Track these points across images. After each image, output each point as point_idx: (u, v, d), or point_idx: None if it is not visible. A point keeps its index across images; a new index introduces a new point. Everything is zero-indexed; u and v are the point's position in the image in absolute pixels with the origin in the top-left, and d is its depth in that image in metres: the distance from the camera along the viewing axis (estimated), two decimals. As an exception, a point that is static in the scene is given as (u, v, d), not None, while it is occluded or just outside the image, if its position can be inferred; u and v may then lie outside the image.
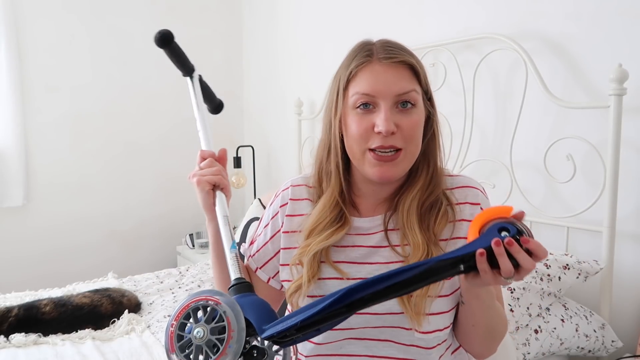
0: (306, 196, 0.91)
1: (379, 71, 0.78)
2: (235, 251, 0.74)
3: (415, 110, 0.79)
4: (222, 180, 0.84)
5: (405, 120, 0.78)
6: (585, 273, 1.38)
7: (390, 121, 0.76)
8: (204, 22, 3.08)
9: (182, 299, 0.58)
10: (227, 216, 0.80)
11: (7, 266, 2.59)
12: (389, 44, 0.82)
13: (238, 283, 0.68)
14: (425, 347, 0.80)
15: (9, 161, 2.52)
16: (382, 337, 0.81)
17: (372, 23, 2.23)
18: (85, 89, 2.76)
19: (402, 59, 0.79)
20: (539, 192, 1.63)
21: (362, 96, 0.78)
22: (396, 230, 0.83)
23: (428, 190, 0.83)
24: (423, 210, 0.82)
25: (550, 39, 1.58)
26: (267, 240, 0.93)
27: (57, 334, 1.58)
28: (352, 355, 0.82)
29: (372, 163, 0.79)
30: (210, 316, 0.57)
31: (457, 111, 1.82)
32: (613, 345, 1.39)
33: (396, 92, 0.78)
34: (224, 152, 0.90)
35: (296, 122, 2.61)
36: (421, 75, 0.81)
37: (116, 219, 2.91)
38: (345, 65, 0.83)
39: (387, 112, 0.77)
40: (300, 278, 0.82)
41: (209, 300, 0.57)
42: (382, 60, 0.79)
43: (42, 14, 2.61)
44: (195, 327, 0.56)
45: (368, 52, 0.81)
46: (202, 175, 0.83)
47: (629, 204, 1.42)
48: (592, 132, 1.45)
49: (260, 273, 0.94)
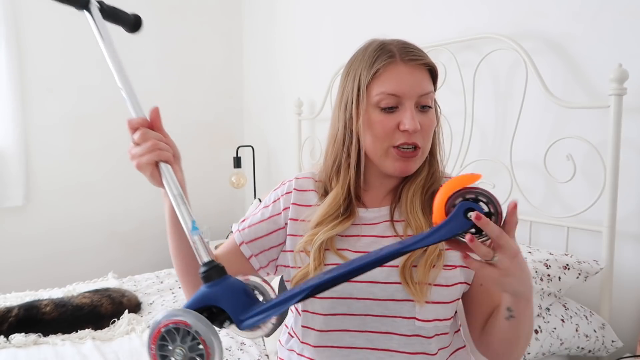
0: (312, 188, 0.94)
1: (404, 72, 0.82)
2: (199, 233, 0.69)
3: (431, 111, 0.85)
4: (162, 155, 0.72)
5: (426, 120, 0.84)
6: (585, 273, 1.38)
7: (416, 120, 0.81)
8: (204, 22, 3.08)
9: (152, 323, 0.59)
10: (180, 194, 0.71)
11: (7, 266, 2.59)
12: (408, 45, 0.85)
13: (209, 268, 0.65)
14: (425, 336, 0.82)
15: (9, 161, 2.52)
16: (383, 330, 0.82)
17: (372, 23, 2.23)
18: (86, 90, 2.76)
19: (425, 62, 0.84)
20: (539, 192, 1.63)
21: (387, 96, 0.82)
22: (401, 222, 0.86)
23: (431, 180, 0.88)
24: (426, 197, 0.86)
25: (550, 39, 1.58)
26: (263, 219, 0.94)
27: (57, 334, 1.58)
28: (353, 347, 0.83)
29: (395, 159, 0.83)
30: (184, 336, 0.58)
31: (457, 111, 1.82)
32: (613, 345, 1.39)
33: (419, 93, 0.82)
34: (155, 112, 0.75)
35: (296, 122, 2.61)
36: (435, 76, 0.86)
37: (117, 220, 2.91)
38: (366, 64, 0.84)
39: (413, 111, 0.81)
40: (306, 267, 0.84)
41: (177, 324, 0.58)
42: (407, 62, 0.82)
43: (42, 14, 2.61)
44: (174, 347, 0.58)
45: (390, 52, 0.83)
46: (139, 157, 0.72)
47: (629, 204, 1.42)
48: (592, 132, 1.45)
49: (245, 248, 0.93)
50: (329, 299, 0.83)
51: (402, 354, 0.82)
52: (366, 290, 0.82)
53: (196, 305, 0.62)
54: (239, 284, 0.65)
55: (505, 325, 0.76)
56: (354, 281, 0.82)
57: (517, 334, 0.78)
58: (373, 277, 0.82)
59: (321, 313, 0.84)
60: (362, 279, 0.82)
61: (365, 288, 0.82)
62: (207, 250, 0.68)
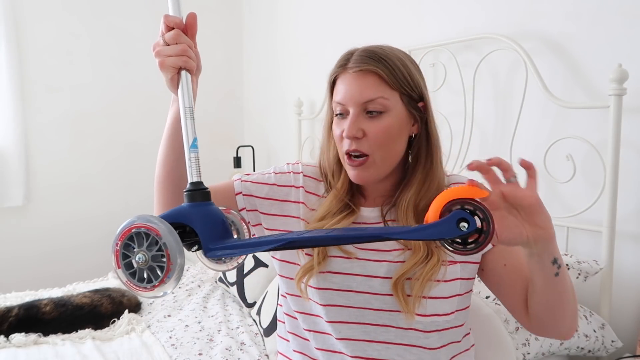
0: (320, 177, 0.96)
1: (349, 80, 0.84)
2: (197, 152, 0.67)
3: (385, 116, 0.82)
4: (188, 63, 0.71)
5: (372, 126, 0.82)
6: (585, 273, 1.38)
7: (353, 126, 0.82)
8: (204, 22, 3.04)
9: (124, 222, 0.58)
10: (191, 108, 0.70)
11: (7, 266, 2.59)
12: (364, 51, 0.84)
13: (196, 189, 0.64)
14: (423, 330, 0.82)
15: (9, 161, 2.53)
16: (380, 322, 0.83)
17: (372, 23, 2.23)
18: (86, 89, 2.76)
19: (367, 68, 0.82)
20: (539, 192, 1.62)
21: (337, 105, 0.85)
22: (396, 222, 0.87)
23: (424, 188, 0.85)
24: (419, 210, 0.85)
25: (550, 39, 1.58)
26: (268, 182, 0.94)
27: (57, 333, 1.58)
28: (351, 339, 0.84)
29: (347, 166, 0.86)
30: (151, 243, 0.57)
31: (457, 111, 1.82)
32: (613, 345, 1.39)
33: (361, 100, 0.82)
34: (193, 18, 0.74)
35: (296, 122, 2.61)
36: (389, 80, 0.82)
37: (116, 219, 2.87)
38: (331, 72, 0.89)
39: (352, 118, 0.82)
40: (310, 261, 0.85)
41: (149, 230, 0.56)
42: (349, 70, 0.84)
43: (42, 14, 2.61)
44: (138, 251, 0.57)
45: (345, 61, 0.86)
46: (166, 57, 0.71)
47: (629, 204, 1.42)
48: (592, 132, 1.45)
49: (240, 199, 0.93)
50: (328, 290, 0.84)
51: (398, 345, 0.83)
52: (365, 284, 0.83)
53: (171, 219, 0.61)
54: (219, 213, 0.64)
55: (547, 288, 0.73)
56: (354, 274, 0.83)
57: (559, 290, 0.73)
58: (373, 272, 0.83)
59: (320, 303, 0.85)
60: (361, 273, 0.83)
61: (365, 282, 0.83)
62: (199, 171, 0.67)
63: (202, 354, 1.46)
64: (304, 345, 0.91)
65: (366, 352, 0.84)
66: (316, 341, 0.88)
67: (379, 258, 0.84)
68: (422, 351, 0.83)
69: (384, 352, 0.83)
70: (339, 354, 0.86)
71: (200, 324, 1.68)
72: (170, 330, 1.62)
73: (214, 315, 1.76)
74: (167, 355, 1.45)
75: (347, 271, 0.84)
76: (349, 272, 0.84)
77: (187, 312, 1.79)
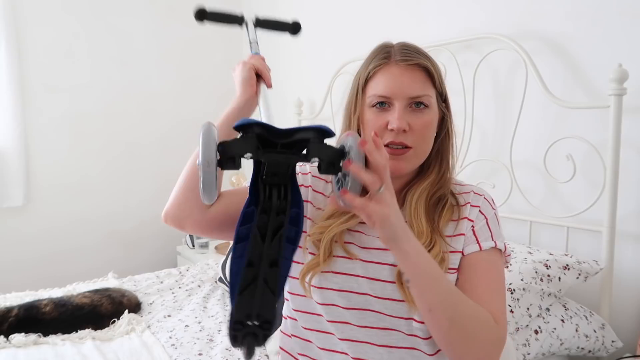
0: (327, 178, 0.96)
1: (395, 73, 0.83)
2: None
3: (428, 111, 0.84)
4: (264, 66, 0.93)
5: (417, 120, 0.82)
6: (585, 273, 1.38)
7: (402, 119, 0.81)
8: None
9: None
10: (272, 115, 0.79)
11: (7, 266, 2.59)
12: (407, 46, 0.86)
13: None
14: (422, 337, 0.82)
15: (9, 161, 2.53)
16: (382, 325, 0.83)
17: (372, 23, 2.23)
18: (85, 89, 2.76)
19: (417, 62, 0.83)
20: (539, 192, 1.63)
21: (378, 97, 0.83)
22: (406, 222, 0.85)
23: (437, 185, 0.87)
24: (431, 203, 0.86)
25: (550, 39, 1.58)
26: None
27: (57, 334, 1.58)
28: (353, 340, 0.85)
29: None
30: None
31: (457, 111, 1.79)
32: (613, 346, 1.39)
33: (410, 94, 0.82)
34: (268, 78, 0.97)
35: (296, 122, 2.61)
36: (435, 78, 0.85)
37: (116, 219, 2.91)
38: (364, 65, 0.88)
39: (400, 111, 0.81)
40: (315, 259, 0.85)
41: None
42: (398, 63, 0.83)
43: (42, 14, 2.61)
44: None
45: (386, 54, 0.85)
46: (247, 62, 0.92)
47: (629, 204, 1.42)
48: (592, 132, 1.45)
49: None
50: (329, 289, 0.84)
51: (400, 349, 0.83)
52: (367, 286, 0.83)
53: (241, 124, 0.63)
54: None
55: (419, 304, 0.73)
56: (355, 275, 0.83)
57: (426, 305, 0.72)
58: (375, 275, 0.83)
59: (320, 302, 0.85)
60: (363, 274, 0.83)
61: (366, 284, 0.83)
62: None
63: (202, 354, 1.46)
64: (304, 347, 0.91)
65: (368, 354, 0.84)
66: (319, 341, 0.88)
67: (381, 260, 0.84)
68: (424, 356, 0.83)
69: (386, 356, 0.83)
70: (342, 354, 0.86)
71: (200, 324, 1.68)
72: (170, 331, 1.62)
73: (214, 315, 1.76)
74: (167, 355, 1.45)
75: (348, 272, 0.84)
76: (351, 272, 0.84)
77: (187, 312, 1.79)
